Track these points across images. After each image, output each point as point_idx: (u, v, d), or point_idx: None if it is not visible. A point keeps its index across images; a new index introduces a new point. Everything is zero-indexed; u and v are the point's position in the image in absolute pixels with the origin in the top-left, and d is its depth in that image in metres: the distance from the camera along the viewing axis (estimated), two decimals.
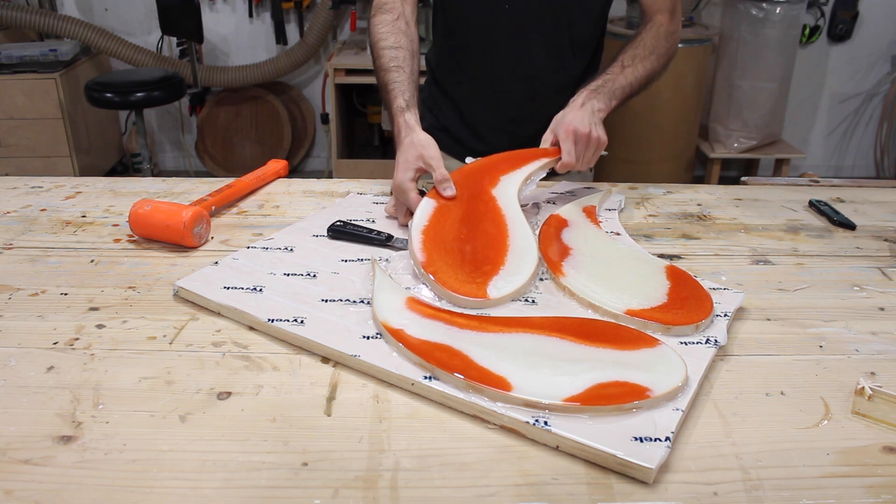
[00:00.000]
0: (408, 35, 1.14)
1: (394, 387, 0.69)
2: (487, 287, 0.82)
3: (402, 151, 1.01)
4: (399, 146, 1.03)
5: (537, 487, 0.58)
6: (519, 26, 1.20)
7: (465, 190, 0.98)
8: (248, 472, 0.58)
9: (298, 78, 3.61)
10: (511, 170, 1.02)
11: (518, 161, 1.03)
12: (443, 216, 0.94)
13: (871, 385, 0.68)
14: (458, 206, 0.96)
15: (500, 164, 1.04)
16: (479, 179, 1.01)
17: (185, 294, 0.83)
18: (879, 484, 0.58)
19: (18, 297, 0.84)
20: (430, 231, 0.91)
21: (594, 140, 1.04)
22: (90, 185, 1.18)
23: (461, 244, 0.89)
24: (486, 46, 1.23)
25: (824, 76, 3.56)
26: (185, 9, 3.06)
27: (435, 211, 0.94)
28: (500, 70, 1.24)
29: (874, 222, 1.10)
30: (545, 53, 1.22)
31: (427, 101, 1.37)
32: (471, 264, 0.86)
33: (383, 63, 1.10)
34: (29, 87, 3.07)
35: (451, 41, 1.28)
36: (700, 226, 1.08)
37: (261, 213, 1.08)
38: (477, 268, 0.85)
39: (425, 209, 0.94)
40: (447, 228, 0.92)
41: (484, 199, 0.97)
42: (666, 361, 0.69)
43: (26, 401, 0.66)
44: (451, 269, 0.84)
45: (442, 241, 0.89)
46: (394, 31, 1.12)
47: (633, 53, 1.16)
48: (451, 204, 0.96)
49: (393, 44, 1.11)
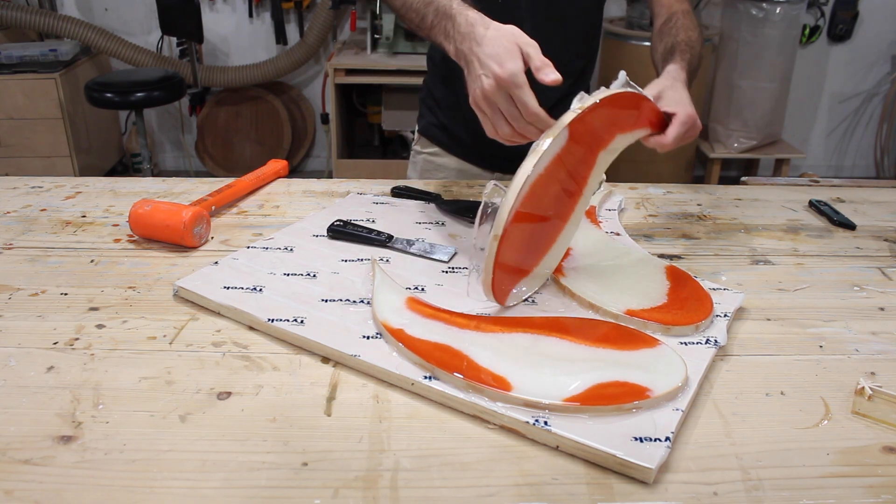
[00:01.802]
0: None
1: (394, 387, 0.69)
2: (509, 296, 0.81)
3: (492, 42, 0.82)
4: (479, 41, 0.84)
5: (537, 487, 0.58)
6: (513, 22, 1.19)
7: (588, 134, 0.78)
8: (248, 472, 0.58)
9: (298, 78, 3.61)
10: (629, 129, 0.85)
11: (636, 119, 0.85)
12: (554, 170, 0.75)
13: (871, 385, 0.68)
14: (567, 163, 0.77)
15: (626, 113, 0.83)
16: (604, 126, 0.80)
17: (185, 294, 0.83)
18: (879, 484, 0.58)
19: (18, 297, 0.84)
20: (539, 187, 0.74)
21: (698, 130, 0.90)
22: (90, 185, 1.18)
23: (538, 221, 0.78)
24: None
25: (824, 76, 3.56)
26: (185, 9, 3.06)
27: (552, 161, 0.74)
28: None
29: (874, 222, 1.10)
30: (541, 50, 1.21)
31: (426, 99, 1.37)
32: (523, 249, 0.78)
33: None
34: (29, 87, 3.07)
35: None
36: (700, 226, 1.08)
37: (261, 213, 1.08)
38: (521, 259, 0.80)
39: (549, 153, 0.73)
40: (550, 190, 0.76)
41: (587, 162, 0.81)
42: (666, 361, 0.69)
43: (26, 401, 0.66)
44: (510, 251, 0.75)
45: (538, 202, 0.75)
46: None
47: (686, 38, 1.07)
48: (565, 154, 0.76)
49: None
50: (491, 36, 0.83)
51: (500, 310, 0.80)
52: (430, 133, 1.38)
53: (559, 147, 0.73)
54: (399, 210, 1.07)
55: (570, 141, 0.74)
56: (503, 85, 0.79)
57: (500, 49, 0.81)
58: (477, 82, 0.82)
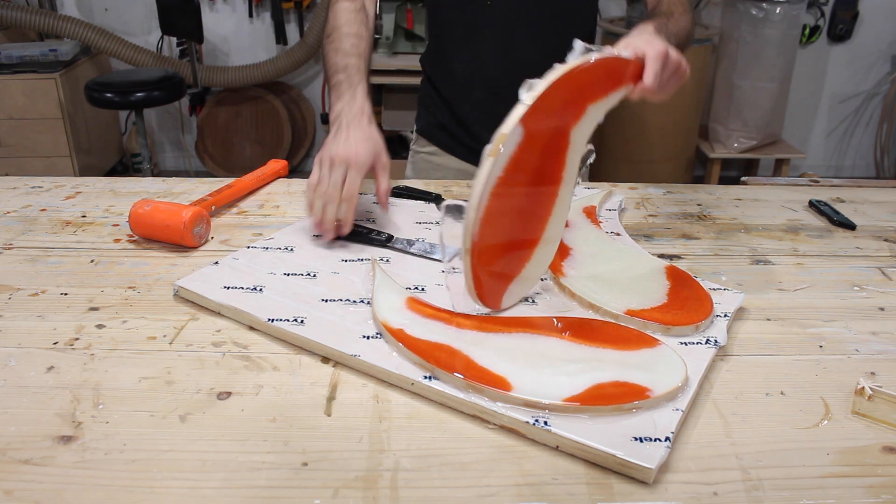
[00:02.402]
0: (367, 27, 1.14)
1: (394, 387, 0.69)
2: (502, 299, 0.80)
3: (362, 139, 0.96)
4: (354, 125, 0.98)
5: (537, 487, 0.58)
6: (504, 24, 1.20)
7: (550, 119, 0.73)
8: (248, 472, 0.58)
9: (298, 78, 3.61)
10: (599, 97, 0.78)
11: (605, 83, 0.79)
12: (517, 168, 0.71)
13: (871, 385, 0.68)
14: (534, 153, 0.73)
15: (590, 83, 0.77)
16: (567, 105, 0.75)
17: (185, 294, 0.83)
18: (879, 484, 0.58)
19: (18, 297, 0.84)
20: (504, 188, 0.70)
21: (683, 69, 0.85)
22: (90, 185, 1.18)
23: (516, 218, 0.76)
24: (472, 46, 1.23)
25: (824, 76, 3.56)
26: (185, 9, 3.06)
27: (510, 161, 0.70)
28: (488, 69, 1.24)
29: (874, 222, 1.10)
30: (533, 50, 1.21)
31: (424, 99, 1.38)
32: (505, 252, 0.76)
33: (346, 48, 1.09)
34: (29, 87, 3.07)
35: (439, 41, 1.29)
36: (700, 226, 1.08)
37: (261, 213, 1.08)
38: (505, 264, 0.78)
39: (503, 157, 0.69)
40: (519, 188, 0.74)
41: (559, 144, 0.77)
42: (666, 361, 0.69)
43: (26, 401, 0.66)
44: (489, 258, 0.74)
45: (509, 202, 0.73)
46: (357, 20, 1.13)
47: (668, 9, 1.08)
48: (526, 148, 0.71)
49: (356, 32, 1.11)
50: (366, 131, 0.98)
51: (500, 310, 0.80)
52: (428, 133, 1.38)
53: (515, 144, 0.69)
54: (399, 210, 1.07)
55: (528, 135, 0.70)
56: (343, 162, 0.94)
57: (364, 147, 0.96)
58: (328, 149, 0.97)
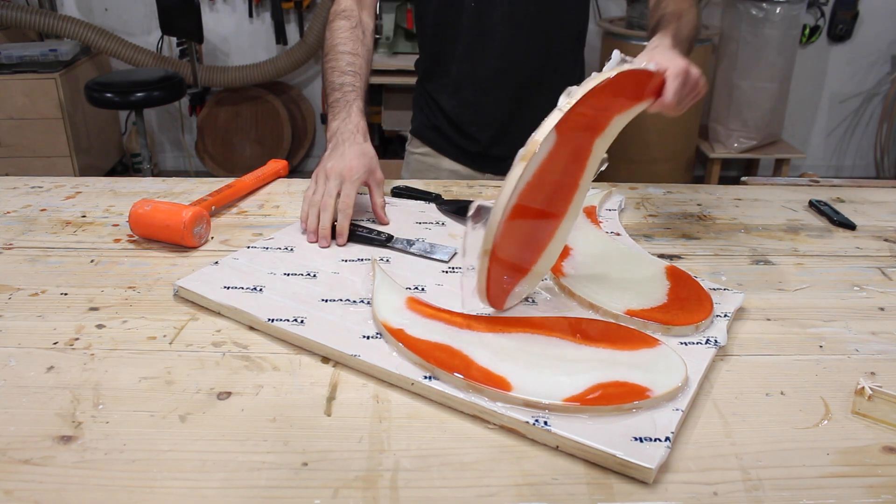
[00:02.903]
0: (364, 44, 1.16)
1: (394, 387, 0.69)
2: (507, 300, 0.80)
3: (356, 154, 1.01)
4: (350, 142, 1.03)
5: (537, 487, 0.58)
6: (493, 26, 1.20)
7: (580, 127, 0.75)
8: (248, 472, 0.58)
9: (298, 78, 3.61)
10: (625, 108, 0.80)
11: (632, 94, 0.80)
12: (543, 174, 0.72)
13: (871, 385, 0.68)
14: (560, 160, 0.74)
15: (621, 93, 0.78)
16: (597, 114, 0.77)
17: (185, 294, 0.83)
18: (879, 484, 0.58)
19: (18, 297, 0.84)
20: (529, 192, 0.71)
21: (701, 86, 0.88)
22: (90, 185, 1.18)
23: (532, 223, 0.76)
24: (462, 48, 1.23)
25: (824, 76, 3.56)
26: (185, 9, 3.06)
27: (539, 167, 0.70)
28: (479, 71, 1.24)
29: (874, 222, 1.10)
30: (523, 52, 1.21)
31: (418, 99, 1.38)
32: (516, 255, 0.77)
33: (342, 66, 1.12)
34: (29, 87, 3.07)
35: (429, 44, 1.29)
36: (700, 226, 1.08)
37: (261, 213, 1.08)
38: (515, 266, 0.78)
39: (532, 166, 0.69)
40: (542, 192, 0.74)
41: (583, 152, 0.78)
42: (666, 362, 0.69)
43: (26, 401, 0.66)
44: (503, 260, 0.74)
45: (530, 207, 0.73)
46: (353, 37, 1.15)
47: (675, 9, 1.07)
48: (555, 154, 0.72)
49: (352, 50, 1.13)
50: (361, 147, 1.03)
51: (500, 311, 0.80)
52: (421, 134, 1.38)
53: (547, 150, 0.70)
54: (399, 210, 1.07)
55: (559, 141, 0.71)
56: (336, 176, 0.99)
57: (357, 163, 1.01)
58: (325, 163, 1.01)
